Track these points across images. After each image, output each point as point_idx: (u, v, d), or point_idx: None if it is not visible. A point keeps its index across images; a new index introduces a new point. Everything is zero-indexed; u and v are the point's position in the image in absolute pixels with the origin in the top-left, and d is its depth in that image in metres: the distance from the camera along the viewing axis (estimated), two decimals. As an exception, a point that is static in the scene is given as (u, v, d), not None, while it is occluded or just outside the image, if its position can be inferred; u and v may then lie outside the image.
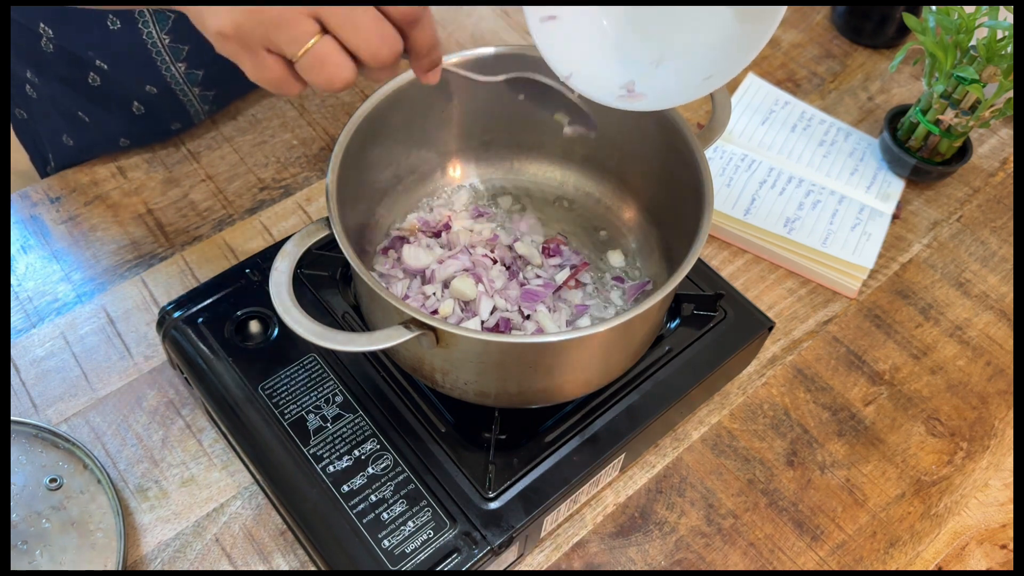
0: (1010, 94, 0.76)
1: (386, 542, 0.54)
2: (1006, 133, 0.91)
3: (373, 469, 0.57)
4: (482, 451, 0.58)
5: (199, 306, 0.64)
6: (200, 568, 0.60)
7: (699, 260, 0.67)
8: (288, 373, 0.61)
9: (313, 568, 0.60)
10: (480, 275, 0.62)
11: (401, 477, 0.57)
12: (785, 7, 0.47)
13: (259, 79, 0.45)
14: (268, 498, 0.62)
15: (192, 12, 0.45)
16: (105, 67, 0.74)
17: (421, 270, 0.63)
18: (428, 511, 0.56)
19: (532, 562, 0.62)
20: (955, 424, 0.71)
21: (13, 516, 0.58)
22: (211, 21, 0.43)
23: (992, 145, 0.90)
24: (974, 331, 0.76)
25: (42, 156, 0.85)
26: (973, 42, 0.76)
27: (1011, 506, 0.67)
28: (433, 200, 0.69)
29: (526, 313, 0.62)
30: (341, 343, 0.48)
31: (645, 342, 0.59)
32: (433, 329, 0.49)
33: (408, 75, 0.60)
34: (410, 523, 0.55)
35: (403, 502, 0.56)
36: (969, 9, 0.75)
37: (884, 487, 0.67)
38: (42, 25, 0.71)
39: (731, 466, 0.67)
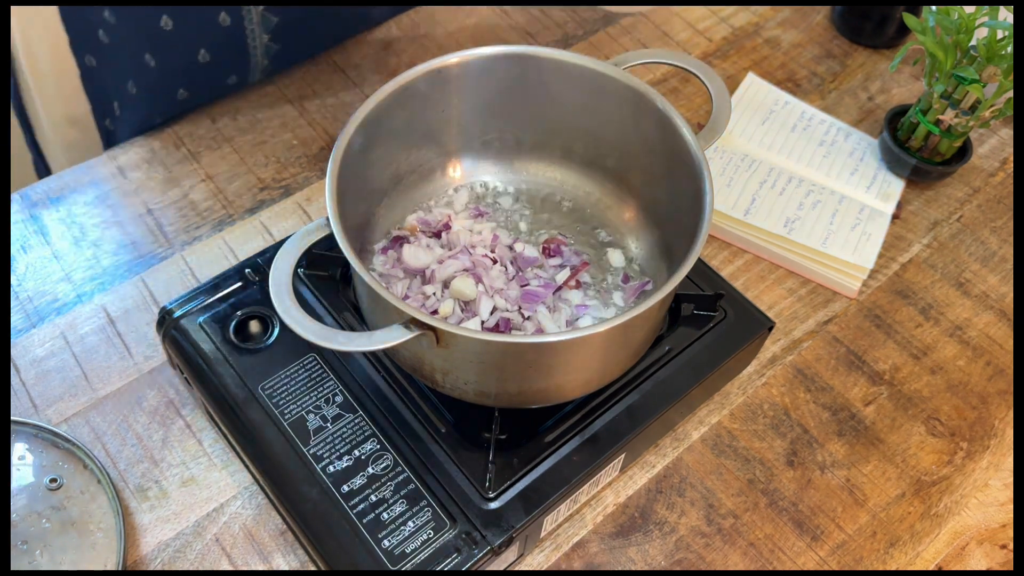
0: (1010, 94, 0.76)
1: (386, 542, 0.54)
2: (1006, 133, 0.91)
3: (373, 469, 0.57)
4: (482, 451, 0.58)
5: (199, 306, 0.64)
6: (200, 568, 0.60)
7: (699, 260, 0.67)
8: (288, 373, 0.61)
9: (313, 568, 0.60)
10: (480, 275, 0.62)
11: (401, 477, 0.57)
12: None
13: None
14: (268, 498, 0.62)
15: None
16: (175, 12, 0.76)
17: (421, 270, 0.63)
18: (428, 511, 0.56)
19: (532, 562, 0.62)
20: (955, 424, 0.71)
21: (13, 516, 0.58)
22: None
23: (992, 145, 0.90)
24: (974, 331, 0.76)
25: (104, 107, 0.86)
26: (973, 42, 0.76)
27: (1011, 506, 0.67)
28: (433, 200, 0.69)
29: (526, 313, 0.62)
30: (341, 343, 0.48)
31: (645, 342, 0.59)
32: (433, 329, 0.49)
33: (408, 75, 0.60)
34: (410, 523, 0.55)
35: (403, 502, 0.56)
36: (969, 9, 0.75)
37: (884, 487, 0.67)
38: None
39: (731, 466, 0.67)
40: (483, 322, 0.61)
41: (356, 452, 0.58)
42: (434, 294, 0.62)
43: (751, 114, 0.89)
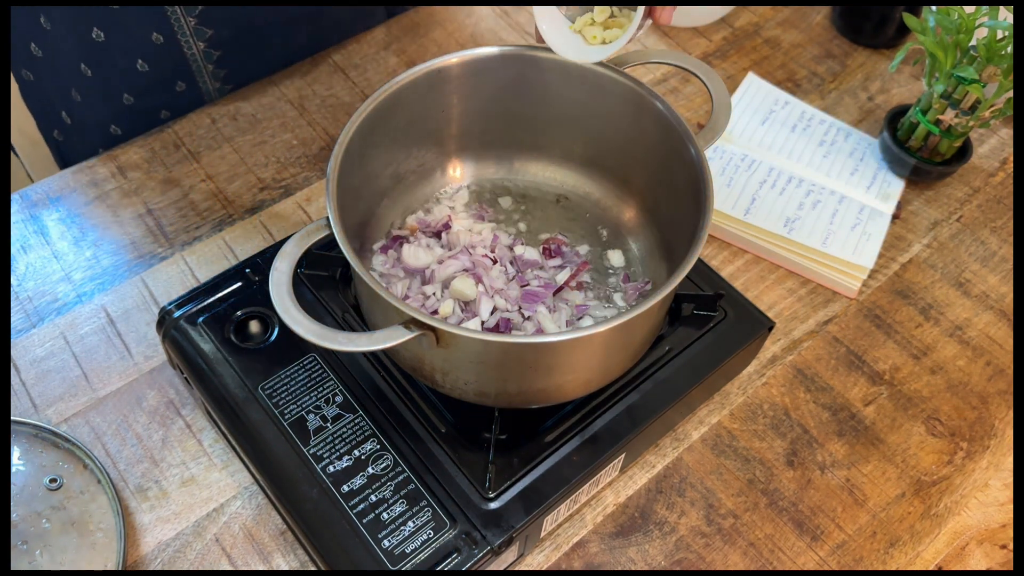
0: (1010, 94, 0.76)
1: (386, 542, 0.54)
2: (1006, 133, 0.91)
3: (373, 469, 0.57)
4: (482, 451, 0.58)
5: (199, 306, 0.64)
6: (200, 568, 0.60)
7: (699, 260, 0.67)
8: (288, 373, 0.61)
9: (313, 568, 0.60)
10: (480, 275, 0.62)
11: (401, 477, 0.57)
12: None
13: None
14: (268, 498, 0.62)
15: None
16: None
17: (421, 270, 0.63)
18: (428, 511, 0.56)
19: (532, 562, 0.62)
20: (955, 424, 0.71)
21: (13, 516, 0.58)
22: None
23: (992, 145, 0.90)
24: (974, 331, 0.76)
25: (50, 120, 0.86)
26: (973, 42, 0.76)
27: (1011, 506, 0.67)
28: (433, 200, 0.69)
29: (526, 314, 0.62)
30: (341, 343, 0.48)
31: (645, 342, 0.59)
32: (433, 329, 0.49)
33: (408, 75, 0.60)
34: (410, 523, 0.55)
35: (403, 502, 0.56)
36: (969, 9, 0.75)
37: (884, 487, 0.67)
38: None
39: (731, 466, 0.67)
40: (483, 322, 0.61)
41: (356, 452, 0.58)
42: (434, 294, 0.62)
43: (751, 114, 0.89)
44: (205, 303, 0.64)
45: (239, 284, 0.65)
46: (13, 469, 0.61)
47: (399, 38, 0.93)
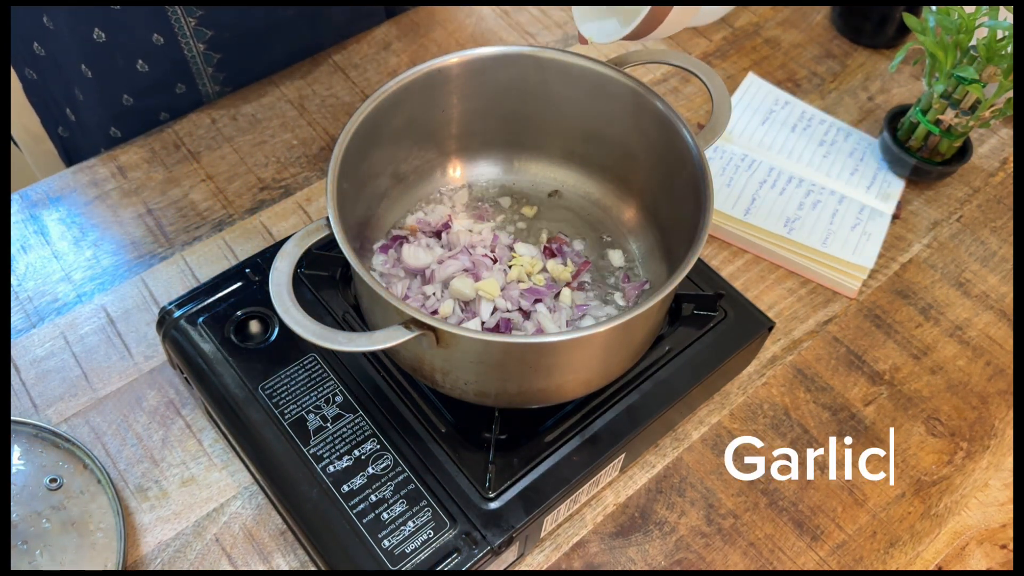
0: (1010, 94, 0.76)
1: (386, 542, 0.54)
2: (1006, 133, 0.91)
3: (373, 469, 0.57)
4: (482, 451, 0.58)
5: (199, 306, 0.64)
6: (200, 568, 0.60)
7: (699, 260, 0.67)
8: (288, 373, 0.61)
9: (313, 568, 0.60)
10: (480, 275, 0.62)
11: (401, 477, 0.57)
12: None
13: None
14: (268, 498, 0.62)
15: None
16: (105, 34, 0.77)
17: (421, 270, 0.63)
18: (428, 511, 0.56)
19: (532, 562, 0.62)
20: (955, 424, 0.71)
21: (13, 516, 0.58)
22: None
23: (992, 145, 0.90)
24: (974, 331, 0.76)
25: (55, 116, 0.86)
26: (973, 42, 0.76)
27: (1011, 506, 0.67)
28: (433, 200, 0.69)
29: (527, 311, 0.62)
30: (341, 343, 0.48)
31: (645, 342, 0.59)
32: (433, 329, 0.49)
33: (408, 75, 0.60)
34: (410, 523, 0.55)
35: (403, 502, 0.56)
36: (969, 9, 0.75)
37: (884, 487, 0.67)
38: None
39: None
40: (483, 322, 0.61)
41: (356, 452, 0.58)
42: (434, 294, 0.62)
43: (751, 114, 0.89)
44: (205, 303, 0.64)
45: (239, 284, 0.65)
46: (13, 469, 0.61)
47: (399, 38, 0.93)
